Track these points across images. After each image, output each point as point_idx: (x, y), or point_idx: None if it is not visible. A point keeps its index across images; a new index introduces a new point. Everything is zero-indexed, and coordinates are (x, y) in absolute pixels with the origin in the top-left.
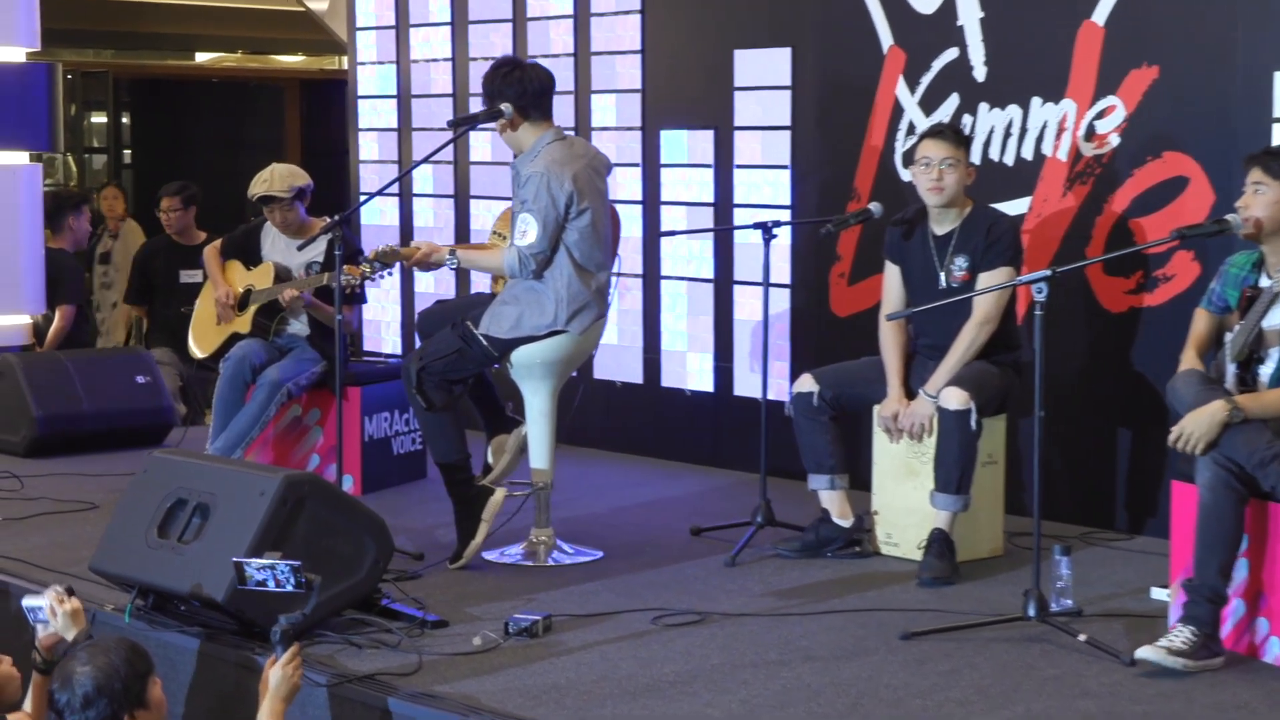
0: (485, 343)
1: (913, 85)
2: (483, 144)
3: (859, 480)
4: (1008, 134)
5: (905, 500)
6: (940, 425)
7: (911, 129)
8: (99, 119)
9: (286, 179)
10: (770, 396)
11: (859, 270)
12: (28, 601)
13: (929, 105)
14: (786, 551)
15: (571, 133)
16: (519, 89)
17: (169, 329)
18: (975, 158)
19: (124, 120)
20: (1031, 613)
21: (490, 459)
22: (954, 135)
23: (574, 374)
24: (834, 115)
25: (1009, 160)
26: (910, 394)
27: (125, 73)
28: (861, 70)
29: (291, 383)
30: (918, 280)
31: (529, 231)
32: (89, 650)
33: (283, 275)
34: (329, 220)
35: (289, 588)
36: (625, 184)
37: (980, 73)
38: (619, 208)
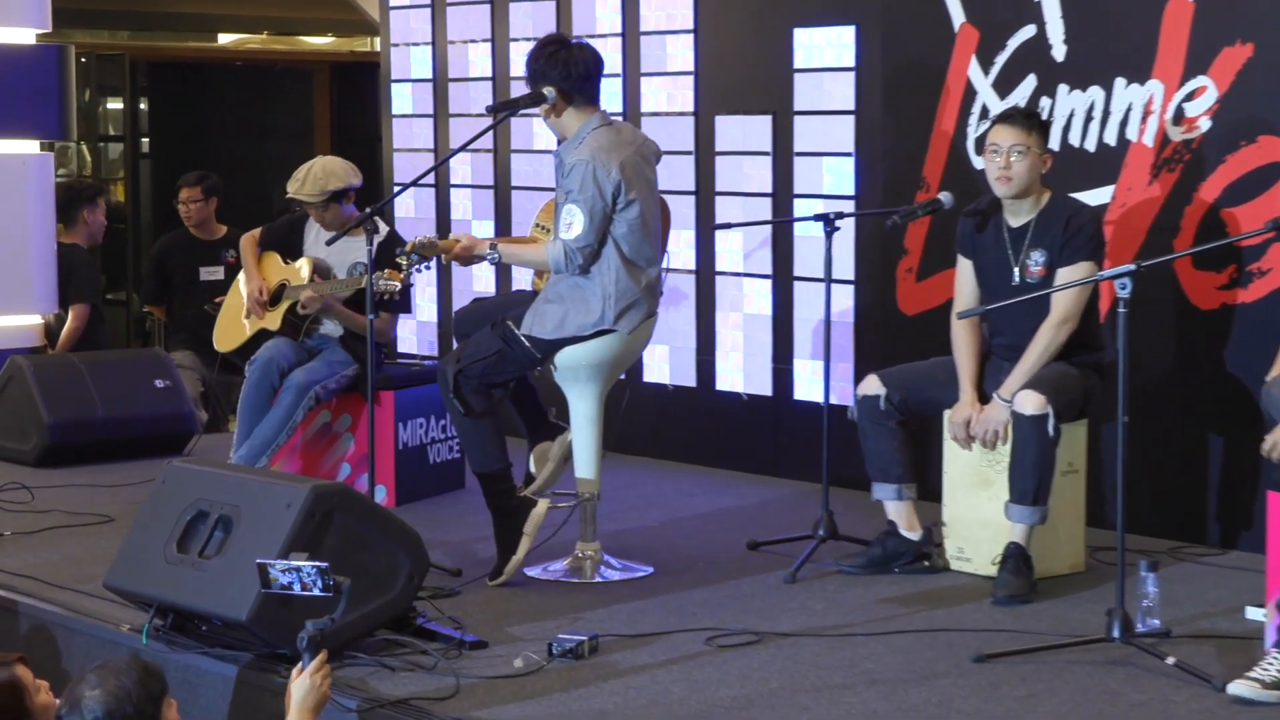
0: (527, 343)
1: (986, 66)
2: (524, 131)
3: (928, 490)
4: (1089, 118)
5: (978, 512)
6: (1016, 431)
7: (985, 113)
8: (115, 105)
9: (319, 182)
10: (833, 400)
11: (928, 265)
12: None
13: (1004, 87)
14: (850, 567)
15: (619, 118)
16: (564, 71)
17: (189, 329)
18: (1054, 143)
19: (141, 106)
20: (1115, 634)
21: (532, 468)
22: (1025, 120)
23: (621, 376)
24: (901, 98)
25: (1090, 146)
26: (984, 398)
27: (143, 55)
28: (931, 50)
29: (320, 386)
30: (992, 276)
31: (574, 224)
32: (99, 673)
33: (322, 272)
34: (362, 214)
35: (316, 591)
36: (677, 173)
37: (1059, 52)
38: (669, 198)
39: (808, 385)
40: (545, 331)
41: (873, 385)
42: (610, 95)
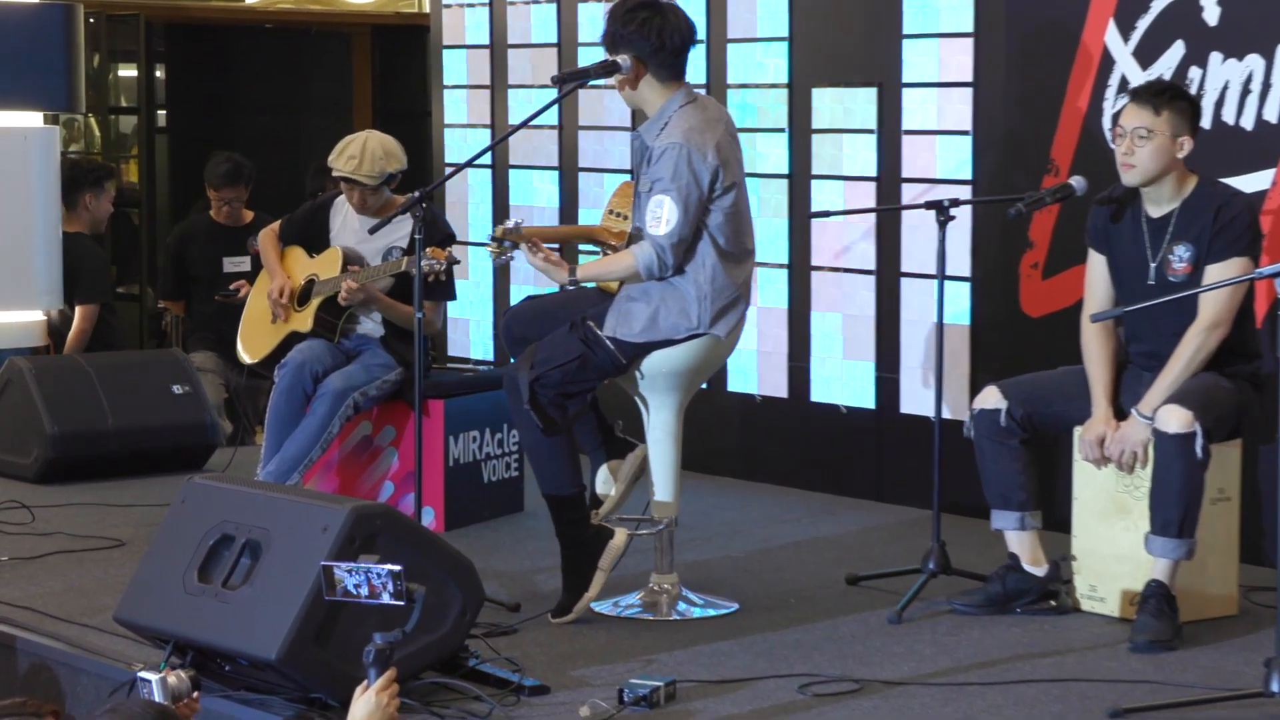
0: (612, 347)
1: (1126, 31)
2: (594, 104)
3: (1055, 519)
4: (1246, 91)
5: (1113, 545)
6: (1158, 452)
7: (1124, 85)
8: (128, 72)
9: (380, 163)
10: (945, 414)
11: (1056, 260)
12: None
13: (1146, 56)
14: (965, 606)
15: (701, 91)
16: (656, 41)
17: (212, 328)
18: (1205, 120)
19: (158, 74)
20: (1274, 688)
21: (600, 490)
22: (1152, 99)
23: (703, 385)
24: (1027, 68)
25: (1247, 124)
26: (1120, 413)
27: (160, 15)
28: (1062, 12)
29: (359, 393)
30: (1129, 273)
31: (667, 217)
32: (109, 718)
33: (354, 262)
34: (410, 197)
35: (386, 598)
36: (767, 154)
37: (1212, 14)
38: (758, 182)
39: (916, 397)
40: (632, 334)
41: (992, 398)
42: (692, 64)
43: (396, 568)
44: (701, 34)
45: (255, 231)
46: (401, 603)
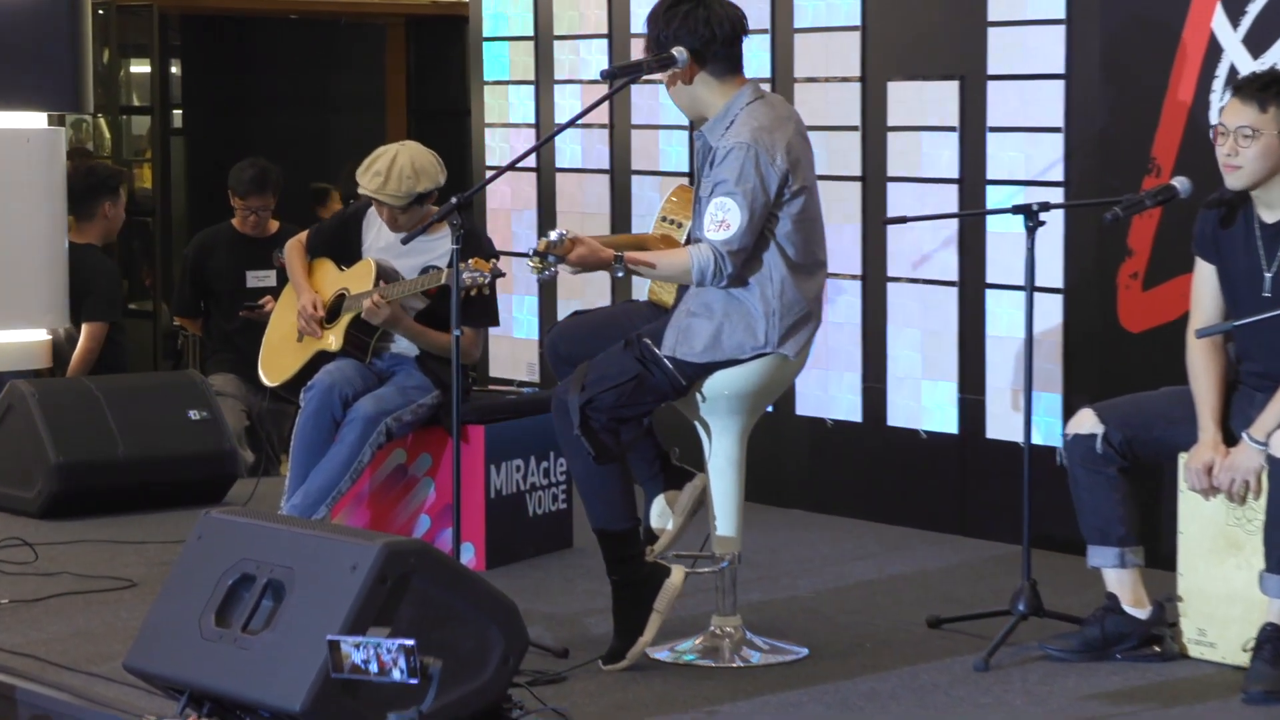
0: (671, 367)
1: (1235, 15)
2: (649, 101)
3: (1159, 556)
4: None
5: (1224, 584)
6: (1272, 481)
7: (1233, 75)
8: (140, 68)
9: (407, 183)
10: (1036, 440)
11: (1158, 270)
12: None
13: (1259, 43)
14: (1059, 652)
15: (766, 87)
16: (703, 33)
17: (232, 347)
18: None
19: (173, 70)
20: None
21: (655, 523)
22: (1258, 94)
23: (769, 409)
24: (1125, 58)
25: None
26: (1230, 438)
27: (175, 6)
28: None
29: (393, 418)
30: (1240, 284)
31: (729, 221)
32: None
33: (388, 277)
34: (449, 203)
35: (397, 675)
36: (839, 153)
37: None
38: (829, 185)
39: (1003, 420)
40: (694, 353)
41: (1088, 422)
42: (755, 57)
43: (409, 642)
44: (766, 23)
45: (281, 243)
46: (414, 680)
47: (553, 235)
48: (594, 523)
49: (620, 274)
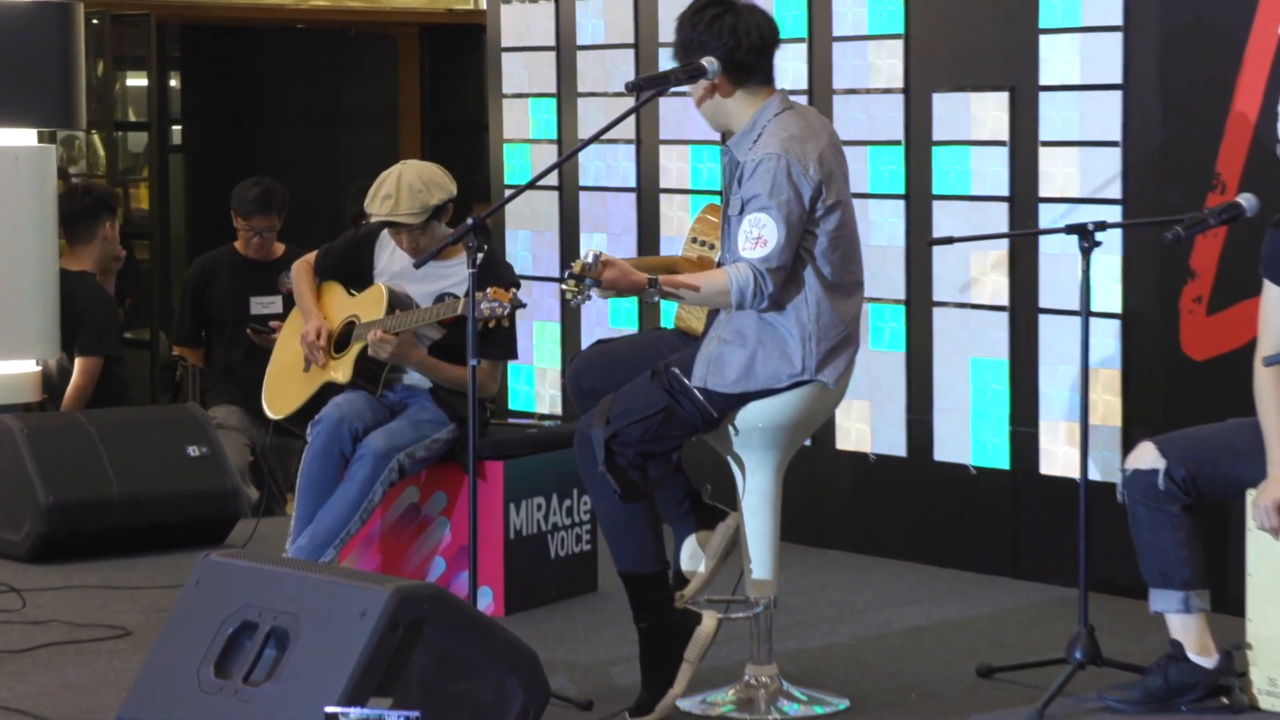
0: (701, 398)
1: None
2: (677, 115)
3: (1226, 600)
4: None
5: None
6: None
7: None
8: (136, 81)
9: (420, 197)
10: (1094, 476)
11: (1223, 294)
12: None
13: None
14: (1119, 703)
15: (803, 99)
16: (730, 39)
17: (235, 379)
18: None
19: (172, 83)
20: None
21: (686, 565)
22: None
23: (807, 442)
24: (1186, 67)
25: None
26: None
27: (173, 15)
28: (1228, 1)
29: (405, 454)
30: None
31: (765, 238)
32: None
33: (402, 304)
34: (466, 224)
35: None
36: (881, 170)
37: None
38: (867, 203)
39: (1058, 455)
40: (725, 383)
41: (1149, 456)
42: (791, 67)
43: (414, 714)
44: (803, 32)
45: (287, 267)
46: None
47: (587, 257)
48: (620, 565)
49: (655, 299)
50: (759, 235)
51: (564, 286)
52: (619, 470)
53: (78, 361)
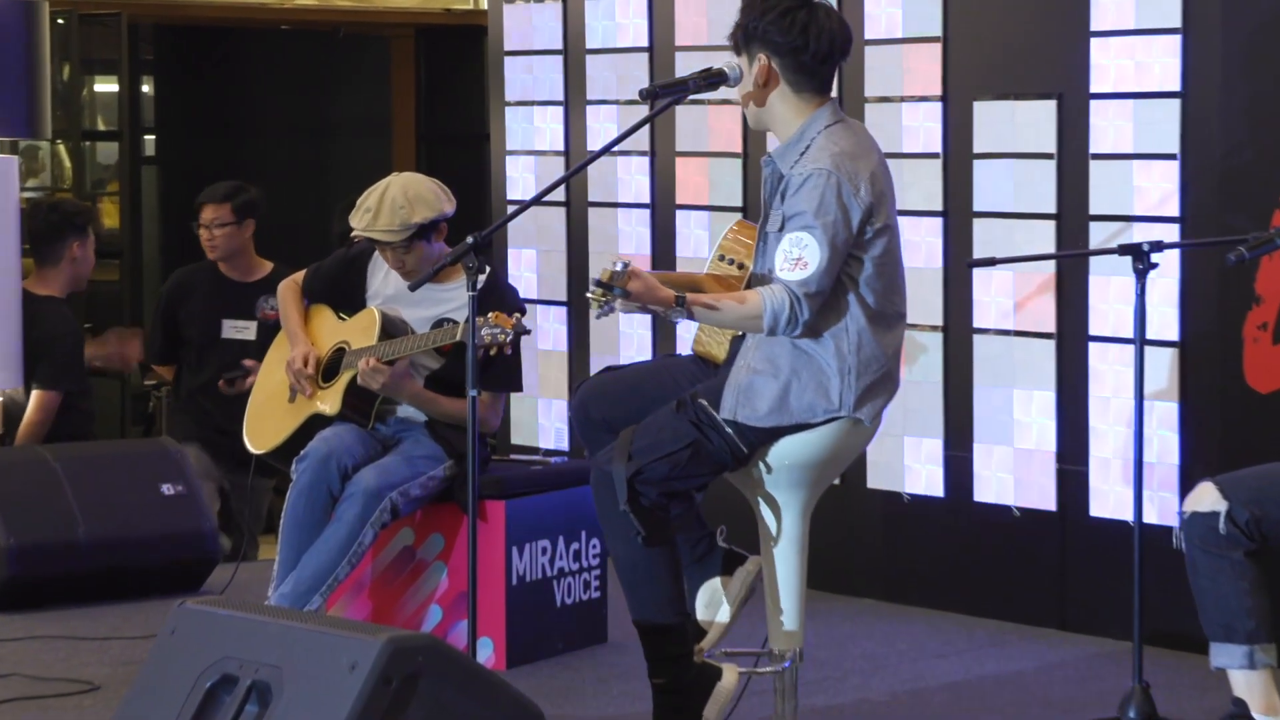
0: (731, 432)
1: None
2: (695, 125)
3: None
4: None
5: None
6: None
7: None
8: (107, 87)
9: (400, 214)
10: (1149, 519)
11: None
12: None
13: None
14: None
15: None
16: (799, 39)
17: (195, 410)
18: None
19: (145, 89)
20: None
21: (702, 615)
22: None
23: (835, 481)
24: (1252, 73)
25: None
26: None
27: (147, 14)
28: None
29: (398, 492)
30: None
31: (806, 259)
32: None
33: (395, 330)
34: (465, 243)
35: None
36: (917, 185)
37: None
38: (906, 221)
39: (1110, 496)
40: (757, 415)
41: (1209, 498)
42: None
43: None
44: None
45: (271, 290)
46: None
47: (616, 265)
48: (636, 615)
49: (680, 319)
50: (799, 256)
51: (590, 294)
52: (643, 511)
53: (34, 395)
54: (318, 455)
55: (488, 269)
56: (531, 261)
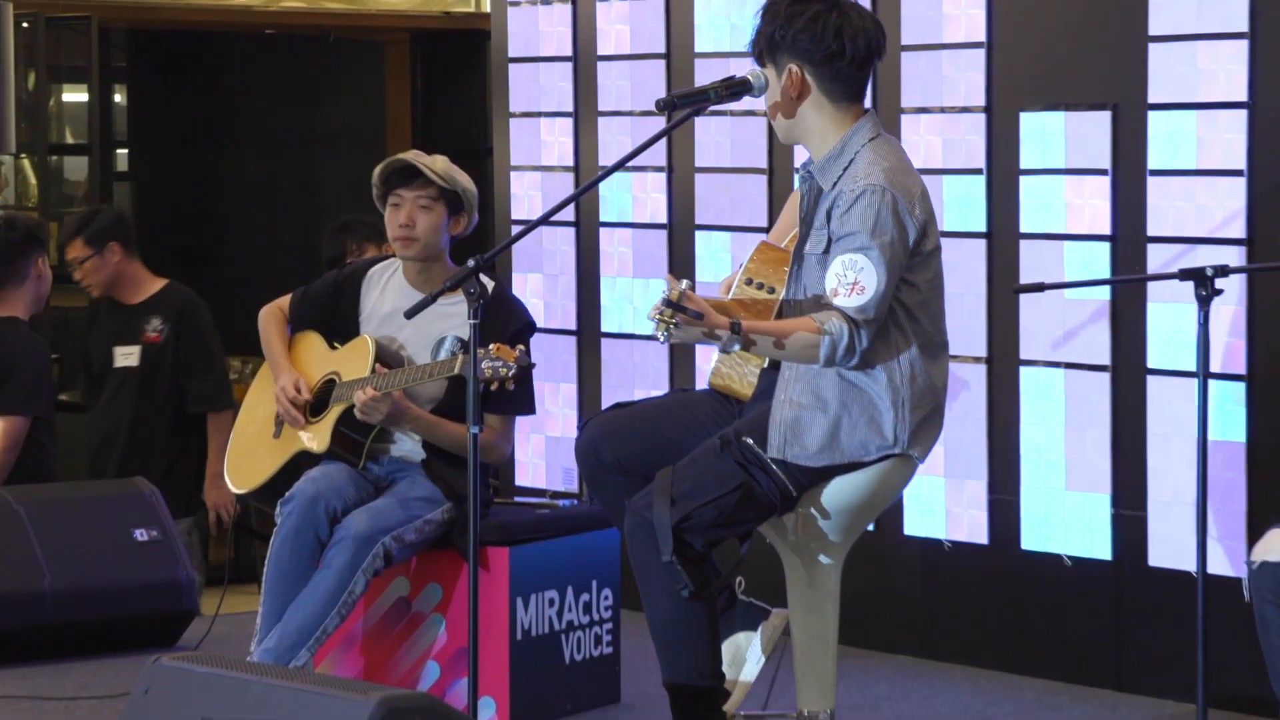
0: (781, 473)
1: None
2: (716, 138)
3: None
4: None
5: None
6: None
7: None
8: (76, 96)
9: (452, 171)
10: (1213, 569)
11: None
12: None
13: None
14: None
15: None
16: (833, 44)
17: (91, 450)
18: None
19: (117, 98)
20: None
21: (725, 673)
22: None
23: (870, 527)
24: None
25: None
26: None
27: (119, 18)
28: None
29: (393, 537)
30: None
31: (865, 283)
32: None
33: (390, 358)
34: (466, 266)
35: None
36: (958, 203)
37: None
38: (946, 243)
39: (1170, 544)
40: (807, 454)
41: (1279, 547)
42: None
43: None
44: None
45: (157, 308)
46: None
47: (682, 284)
48: (669, 676)
49: (735, 347)
50: (855, 280)
51: (658, 315)
52: (692, 563)
53: (0, 423)
54: (304, 497)
55: (491, 283)
56: (538, 287)
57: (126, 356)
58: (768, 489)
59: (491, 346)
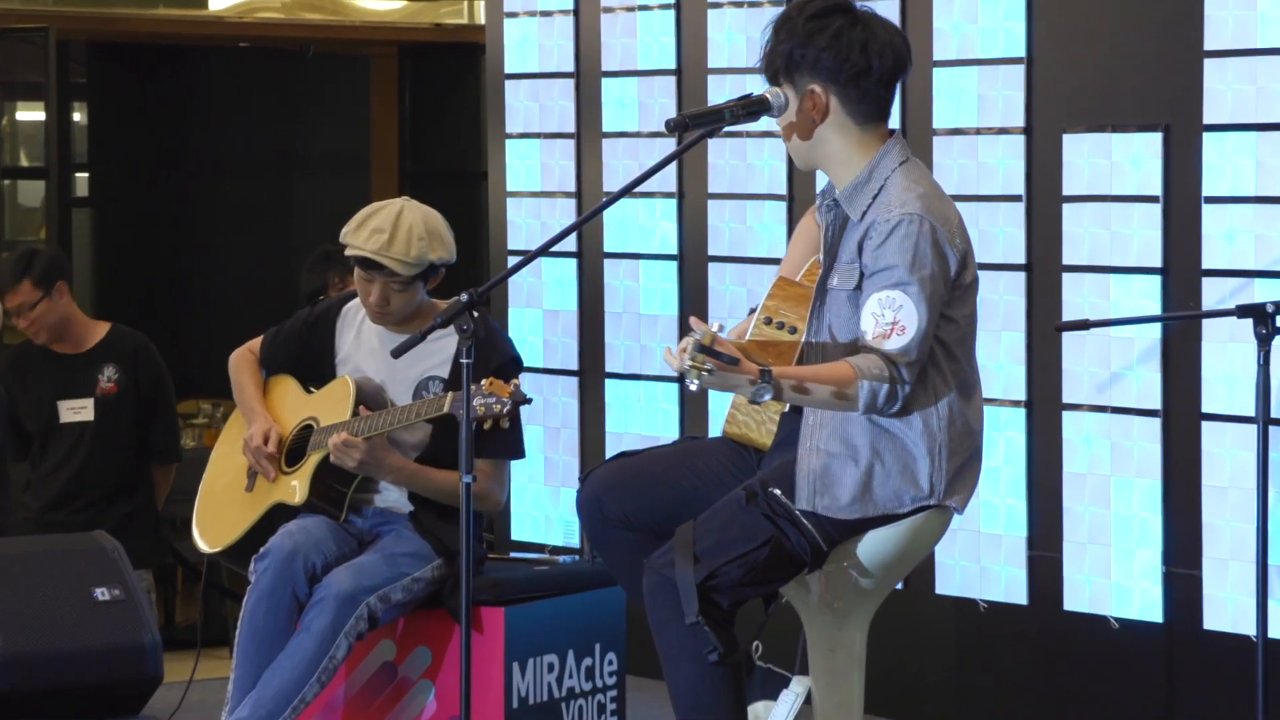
0: (811, 527)
1: None
2: (732, 161)
3: None
4: None
5: None
6: None
7: None
8: (32, 114)
9: (419, 245)
10: (1274, 633)
11: None
12: None
13: None
14: None
15: None
16: (859, 61)
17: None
18: None
19: (76, 117)
20: None
21: None
22: None
23: (899, 586)
24: None
25: None
26: None
27: (80, 30)
28: None
29: (378, 596)
30: None
31: (905, 323)
32: None
33: (373, 400)
34: (455, 301)
35: None
36: (996, 233)
37: None
38: (982, 275)
39: (1226, 606)
40: (838, 505)
41: None
42: None
43: None
44: None
45: (109, 355)
46: None
47: (713, 325)
48: None
49: (763, 397)
50: (895, 320)
51: (690, 364)
52: (720, 625)
53: None
54: (281, 552)
55: (476, 314)
56: (536, 323)
57: (77, 411)
58: (798, 543)
59: (484, 382)
